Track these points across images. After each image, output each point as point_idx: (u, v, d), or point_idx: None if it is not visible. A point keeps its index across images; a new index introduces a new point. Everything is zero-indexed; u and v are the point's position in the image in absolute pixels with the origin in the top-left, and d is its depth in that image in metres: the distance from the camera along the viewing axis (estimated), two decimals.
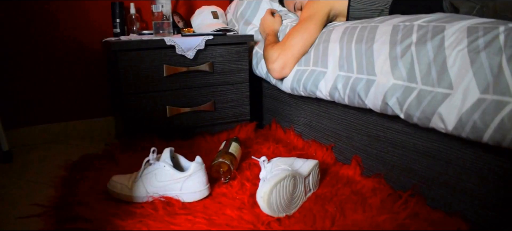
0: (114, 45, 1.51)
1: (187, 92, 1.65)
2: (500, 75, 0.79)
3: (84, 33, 1.91)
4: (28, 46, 1.83)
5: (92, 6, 1.91)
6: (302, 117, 1.61)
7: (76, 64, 1.93)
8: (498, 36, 0.84)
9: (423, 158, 1.07)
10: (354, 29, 1.25)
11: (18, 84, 1.85)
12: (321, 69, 1.33)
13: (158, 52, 1.57)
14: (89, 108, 1.99)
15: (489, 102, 0.80)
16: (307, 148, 1.55)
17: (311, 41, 1.43)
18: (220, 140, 1.69)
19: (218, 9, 1.92)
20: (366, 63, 1.13)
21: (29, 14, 1.81)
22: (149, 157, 1.22)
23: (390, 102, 1.04)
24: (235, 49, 1.69)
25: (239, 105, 1.75)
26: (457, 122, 0.86)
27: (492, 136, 0.79)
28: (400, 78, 1.02)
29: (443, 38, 0.94)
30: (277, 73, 1.49)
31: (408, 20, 1.09)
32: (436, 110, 0.91)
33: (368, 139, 1.26)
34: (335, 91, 1.25)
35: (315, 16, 1.45)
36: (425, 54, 0.97)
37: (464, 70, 0.86)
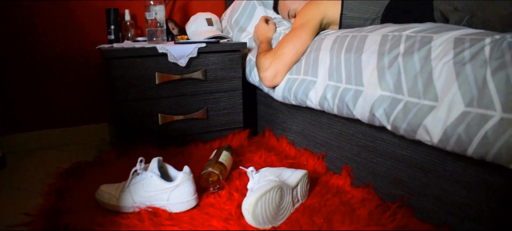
0: (107, 53, 1.51)
1: (179, 100, 1.64)
2: (484, 88, 0.78)
3: (79, 39, 1.92)
4: (22, 52, 1.84)
5: (86, 13, 1.91)
6: (294, 125, 1.60)
7: (71, 71, 1.93)
8: (484, 48, 0.82)
9: (411, 170, 1.05)
10: (345, 38, 1.24)
11: (13, 90, 1.85)
12: (311, 78, 1.32)
13: (151, 60, 1.57)
14: (84, 115, 1.99)
15: (474, 116, 0.79)
16: (299, 157, 1.54)
17: (303, 49, 1.43)
18: (213, 147, 1.68)
19: (213, 16, 1.92)
20: (354, 73, 1.12)
21: (23, 21, 1.82)
22: (137, 167, 1.21)
23: (377, 113, 1.02)
24: (228, 56, 1.68)
25: (232, 113, 1.74)
26: (442, 135, 0.85)
27: (476, 150, 0.78)
28: (387, 89, 1.01)
29: (430, 49, 0.93)
30: (269, 81, 1.48)
31: (397, 30, 1.08)
32: (422, 122, 0.90)
33: (358, 149, 1.25)
34: (325, 101, 1.24)
35: (307, 24, 1.44)
36: (412, 65, 0.95)
37: (449, 82, 0.85)
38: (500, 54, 0.79)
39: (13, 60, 1.83)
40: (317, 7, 1.48)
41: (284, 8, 1.72)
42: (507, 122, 0.73)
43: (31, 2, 1.82)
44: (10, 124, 1.87)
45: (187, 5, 2.12)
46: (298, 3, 1.67)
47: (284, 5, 1.72)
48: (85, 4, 1.91)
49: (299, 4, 1.66)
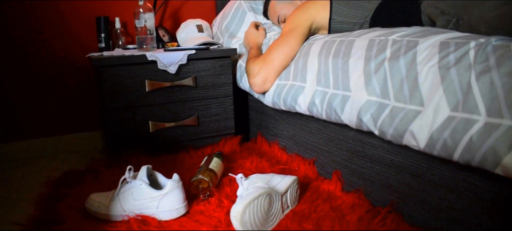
0: (96, 61, 1.51)
1: (170, 107, 1.64)
2: (469, 92, 0.78)
3: (70, 47, 1.91)
4: (13, 62, 1.83)
5: (77, 21, 1.91)
6: (285, 130, 1.60)
7: (63, 79, 1.93)
8: (468, 52, 0.82)
9: (401, 174, 1.05)
10: (333, 43, 1.24)
11: (4, 99, 1.84)
12: (300, 83, 1.32)
13: (140, 67, 1.56)
14: (77, 123, 1.98)
15: (459, 120, 0.78)
16: (290, 162, 1.53)
17: (292, 54, 1.42)
18: (205, 154, 1.67)
19: (203, 23, 1.92)
20: (342, 78, 1.12)
21: (13, 30, 1.81)
22: (125, 175, 1.21)
23: (364, 119, 1.02)
24: (218, 63, 1.68)
25: (223, 119, 1.74)
26: (428, 140, 0.85)
27: (462, 155, 0.78)
28: (373, 94, 1.00)
29: (416, 53, 0.93)
30: (259, 87, 1.48)
31: (384, 35, 1.08)
32: (408, 127, 0.89)
33: (348, 154, 1.25)
34: (313, 107, 1.24)
35: (296, 29, 1.44)
36: (397, 70, 0.95)
37: (434, 86, 0.85)
38: (485, 58, 0.79)
39: (3, 69, 1.82)
40: (306, 12, 1.48)
41: (273, 14, 1.72)
42: (492, 126, 0.72)
43: (21, 11, 1.82)
44: (2, 134, 1.86)
45: (178, 12, 2.12)
46: (287, 8, 1.67)
47: (273, 11, 1.72)
48: (76, 13, 1.91)
49: (289, 9, 1.66)
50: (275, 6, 1.71)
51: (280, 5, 1.70)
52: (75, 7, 1.90)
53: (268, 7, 1.76)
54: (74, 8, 1.90)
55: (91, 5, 1.93)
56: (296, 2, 1.68)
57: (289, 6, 1.68)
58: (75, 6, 1.90)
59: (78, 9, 1.91)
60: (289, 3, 1.68)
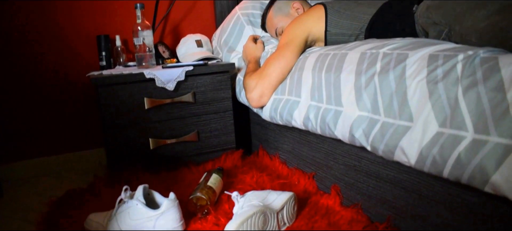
0: (95, 81, 1.52)
1: (170, 124, 1.64)
2: (456, 107, 0.76)
3: (72, 66, 1.94)
4: (16, 81, 1.86)
5: (78, 40, 1.94)
6: (285, 144, 1.59)
7: (66, 97, 1.95)
8: (456, 65, 0.81)
9: (396, 189, 1.03)
10: (326, 56, 1.23)
11: (9, 118, 1.87)
12: (295, 98, 1.31)
13: (139, 85, 1.58)
14: (81, 140, 2.00)
15: (447, 137, 0.77)
16: (291, 176, 1.52)
17: (289, 68, 1.42)
18: (206, 169, 1.67)
19: (203, 37, 1.93)
20: (334, 93, 1.11)
21: (16, 49, 1.84)
22: (122, 196, 1.21)
23: (356, 134, 1.01)
24: (217, 78, 1.68)
25: (223, 133, 1.74)
26: (418, 156, 0.83)
27: (451, 172, 0.76)
28: (365, 109, 0.99)
29: (405, 67, 0.92)
30: (255, 102, 1.48)
31: (375, 47, 1.07)
32: (398, 143, 0.88)
33: (345, 168, 1.23)
34: (308, 121, 1.23)
35: (292, 42, 1.44)
36: (387, 84, 0.94)
37: (423, 101, 0.84)
38: (472, 71, 0.77)
39: (6, 89, 1.85)
40: (301, 25, 1.47)
41: (271, 27, 1.72)
42: (479, 143, 0.71)
43: (23, 32, 1.85)
44: (7, 153, 1.89)
45: (177, 27, 2.14)
46: (285, 21, 1.67)
47: (271, 23, 1.72)
48: (77, 32, 1.94)
49: (286, 22, 1.66)
50: (273, 19, 1.71)
51: (277, 18, 1.70)
52: (77, 26, 1.93)
53: (265, 20, 1.76)
54: (76, 28, 1.93)
55: (92, 24, 1.96)
56: (293, 15, 1.67)
57: (286, 18, 1.67)
58: (76, 26, 1.93)
59: (79, 28, 1.94)
60: (286, 16, 1.68)
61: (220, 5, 2.11)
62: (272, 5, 1.73)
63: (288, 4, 1.69)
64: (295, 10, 1.68)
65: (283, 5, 1.70)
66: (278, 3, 1.72)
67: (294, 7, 1.68)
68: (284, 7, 1.70)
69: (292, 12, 1.68)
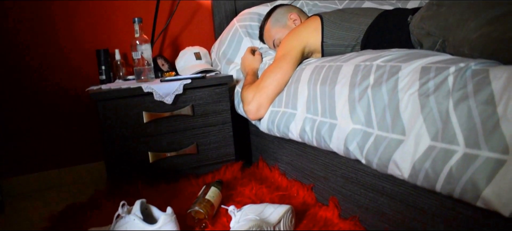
0: (93, 96, 1.53)
1: (169, 137, 1.65)
2: (447, 121, 0.76)
3: (72, 80, 1.96)
4: (19, 96, 1.88)
5: (78, 54, 1.96)
6: (284, 155, 1.58)
7: (67, 111, 1.96)
8: (447, 78, 0.80)
9: (392, 202, 1.02)
10: (322, 68, 1.23)
11: (10, 133, 1.89)
12: (291, 110, 1.31)
13: (138, 99, 1.58)
14: (82, 154, 2.01)
15: (439, 150, 0.76)
16: (290, 188, 1.51)
17: (286, 80, 1.42)
18: (205, 181, 1.67)
19: (201, 50, 1.94)
20: (328, 106, 1.11)
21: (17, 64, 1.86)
22: (119, 211, 1.21)
23: (350, 148, 1.00)
24: (215, 90, 1.69)
25: (223, 146, 1.74)
26: (411, 170, 0.82)
27: (443, 186, 0.75)
28: (358, 122, 0.99)
29: (397, 80, 0.91)
30: (253, 114, 1.48)
31: (369, 59, 1.07)
32: (391, 157, 0.87)
33: (342, 180, 1.23)
34: (304, 134, 1.23)
35: (288, 54, 1.44)
36: (380, 97, 0.94)
37: (415, 115, 0.83)
38: (463, 84, 0.76)
39: (9, 103, 1.87)
40: (298, 37, 1.47)
41: (269, 38, 1.73)
42: (470, 157, 0.70)
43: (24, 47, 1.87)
44: (9, 167, 1.90)
45: (177, 40, 2.15)
46: (282, 32, 1.67)
47: (269, 35, 1.72)
48: (77, 47, 1.96)
49: (284, 33, 1.66)
50: (270, 30, 1.72)
51: (274, 29, 1.70)
52: (77, 41, 1.95)
53: (263, 32, 1.76)
54: (76, 42, 1.95)
55: (92, 38, 1.98)
56: (291, 26, 1.68)
57: (283, 30, 1.68)
58: (77, 41, 1.95)
59: (79, 43, 1.96)
60: (283, 27, 1.69)
61: (219, 17, 2.12)
62: (269, 16, 1.74)
63: (285, 16, 1.70)
64: (292, 21, 1.69)
65: (280, 17, 1.71)
66: (275, 15, 1.73)
67: (291, 18, 1.69)
68: (281, 18, 1.70)
69: (289, 23, 1.69)
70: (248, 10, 1.96)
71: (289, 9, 1.74)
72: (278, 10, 1.74)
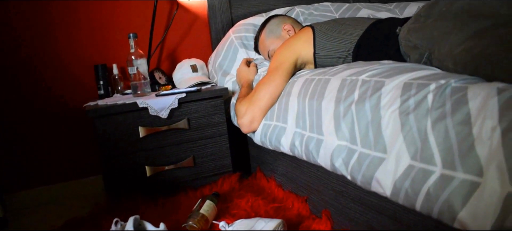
0: (89, 112, 1.55)
1: (165, 150, 1.66)
2: (426, 141, 0.76)
3: (72, 96, 1.98)
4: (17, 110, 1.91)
5: (77, 70, 1.98)
6: (280, 167, 1.59)
7: (68, 125, 1.99)
8: (427, 96, 0.80)
9: (381, 217, 1.02)
10: (311, 82, 1.23)
11: (11, 148, 1.92)
12: (282, 124, 1.31)
13: (134, 114, 1.60)
14: (83, 167, 2.04)
15: (417, 170, 0.76)
16: (285, 200, 1.52)
17: (278, 92, 1.42)
18: (203, 193, 1.68)
19: (198, 62, 1.95)
20: (316, 121, 1.11)
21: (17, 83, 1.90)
22: (112, 228, 1.22)
23: (336, 164, 1.00)
24: (210, 103, 1.70)
25: (219, 158, 1.74)
26: (392, 188, 0.82)
27: (422, 206, 0.75)
28: (343, 138, 0.99)
29: (380, 96, 0.91)
30: (246, 128, 1.48)
31: (356, 73, 1.07)
32: (374, 174, 0.87)
33: (334, 194, 1.23)
34: (295, 148, 1.23)
35: (281, 66, 1.44)
36: (363, 114, 0.94)
37: (396, 133, 0.83)
38: (442, 103, 0.76)
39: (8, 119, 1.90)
40: (290, 49, 1.48)
41: (264, 49, 1.73)
42: (447, 179, 0.70)
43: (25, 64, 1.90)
44: (12, 182, 1.93)
45: (174, 52, 2.16)
46: (276, 43, 1.68)
47: (263, 46, 1.73)
48: (76, 62, 1.98)
49: (278, 44, 1.67)
50: (265, 41, 1.72)
51: (269, 40, 1.71)
52: (75, 57, 1.98)
53: (258, 43, 1.77)
54: (74, 58, 1.98)
55: (89, 54, 2.00)
56: (285, 36, 1.68)
57: (278, 40, 1.69)
58: (75, 56, 1.98)
59: (78, 59, 1.99)
60: (277, 38, 1.69)
61: (216, 29, 2.13)
62: (263, 28, 1.75)
63: (279, 26, 1.71)
64: (286, 32, 1.69)
65: (275, 27, 1.72)
66: (269, 26, 1.73)
67: (285, 29, 1.69)
68: (275, 29, 1.71)
69: (283, 34, 1.70)
70: (243, 21, 1.97)
71: (283, 20, 1.74)
72: (272, 21, 1.75)
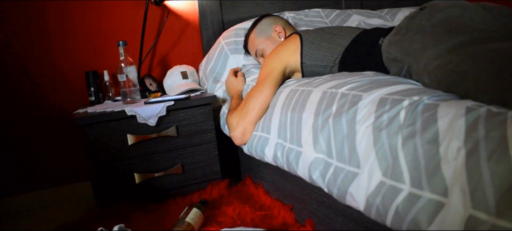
0: (79, 120, 1.56)
1: (154, 157, 1.67)
2: (396, 158, 0.76)
3: (64, 102, 1.99)
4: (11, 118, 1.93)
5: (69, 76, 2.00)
6: (267, 175, 1.60)
7: (60, 132, 2.00)
8: (400, 112, 0.81)
9: (359, 227, 1.03)
10: (295, 93, 1.24)
11: (4, 154, 1.93)
12: (266, 135, 1.32)
13: (123, 122, 1.61)
14: (75, 173, 2.05)
15: (388, 187, 0.77)
16: (272, 208, 1.52)
17: (268, 103, 1.42)
18: (192, 200, 1.69)
19: (188, 68, 1.95)
20: (296, 133, 1.12)
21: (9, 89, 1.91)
22: None
23: (314, 176, 1.01)
24: (199, 110, 1.70)
25: (208, 164, 1.75)
26: (365, 203, 0.83)
27: (392, 224, 0.76)
28: (321, 151, 0.99)
29: (356, 111, 0.92)
30: (239, 140, 1.48)
31: (336, 86, 1.07)
32: (348, 189, 0.88)
33: (316, 204, 1.23)
34: (277, 159, 1.24)
35: (269, 76, 1.44)
36: (340, 128, 0.94)
37: (369, 149, 0.84)
38: (413, 120, 0.77)
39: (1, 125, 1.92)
40: (278, 58, 1.48)
41: (252, 47, 1.73)
42: (414, 197, 0.70)
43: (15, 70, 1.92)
44: (1, 189, 1.94)
45: (166, 58, 2.17)
46: (266, 44, 1.67)
47: (253, 44, 1.72)
48: (67, 69, 1.99)
49: (267, 45, 1.67)
50: (254, 40, 1.72)
51: (258, 40, 1.70)
52: (66, 63, 1.99)
53: (248, 41, 1.76)
54: (65, 65, 1.99)
55: (81, 60, 2.01)
56: (275, 38, 1.68)
57: (267, 41, 1.68)
58: (66, 63, 1.99)
59: (69, 65, 1.99)
60: (267, 39, 1.68)
61: (207, 35, 2.13)
62: (254, 26, 1.74)
63: (270, 27, 1.70)
64: (276, 33, 1.69)
65: (266, 28, 1.71)
66: (260, 26, 1.73)
67: (276, 31, 1.68)
68: (266, 29, 1.71)
69: (273, 35, 1.69)
70: (234, 26, 1.97)
71: (275, 21, 1.74)
72: (263, 21, 1.74)
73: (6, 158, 1.94)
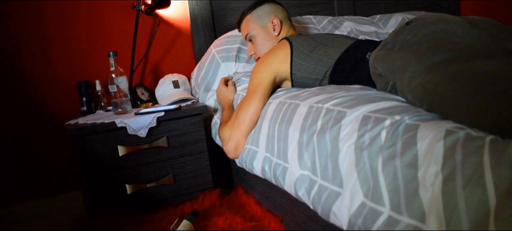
0: (70, 132, 1.56)
1: (145, 168, 1.67)
2: (377, 180, 0.76)
3: (56, 112, 1.99)
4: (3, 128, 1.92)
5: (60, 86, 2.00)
6: (258, 185, 1.60)
7: (53, 142, 2.00)
8: (381, 132, 0.81)
9: None
10: (283, 106, 1.24)
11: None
12: (254, 148, 1.32)
13: (113, 133, 1.61)
14: (67, 182, 2.05)
15: (369, 209, 0.77)
16: (263, 219, 1.52)
17: (258, 115, 1.40)
18: (184, 211, 1.69)
19: (180, 77, 1.95)
20: (282, 148, 1.12)
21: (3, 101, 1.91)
22: None
23: (299, 193, 1.01)
24: (190, 121, 1.70)
25: (200, 175, 1.75)
26: (348, 223, 0.83)
27: None
28: (306, 168, 0.99)
29: (340, 128, 0.92)
30: (232, 154, 1.47)
31: (322, 101, 1.07)
32: (331, 208, 0.88)
33: (305, 217, 1.23)
34: (265, 172, 1.24)
35: (259, 87, 1.43)
36: (324, 145, 0.94)
37: (351, 168, 0.84)
38: (393, 141, 0.77)
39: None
40: (267, 68, 1.46)
41: (245, 28, 1.69)
42: (394, 221, 0.70)
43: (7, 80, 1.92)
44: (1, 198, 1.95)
45: (158, 67, 2.17)
46: (258, 31, 1.64)
47: (246, 26, 1.69)
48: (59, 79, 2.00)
49: (259, 33, 1.64)
50: (249, 22, 1.68)
51: (253, 25, 1.66)
52: (58, 74, 1.99)
53: (243, 19, 1.72)
54: (57, 75, 1.99)
55: (73, 70, 2.02)
56: (270, 30, 1.64)
57: (260, 30, 1.65)
58: (58, 73, 1.99)
59: (61, 75, 2.00)
60: (262, 28, 1.65)
61: (199, 43, 2.13)
62: (255, 8, 1.69)
63: (269, 17, 1.66)
64: (272, 25, 1.64)
65: (264, 15, 1.67)
66: (260, 11, 1.67)
67: (273, 23, 1.64)
68: (264, 17, 1.66)
69: (269, 26, 1.65)
70: (225, 34, 1.97)
71: (275, 12, 1.68)
72: (264, 7, 1.68)
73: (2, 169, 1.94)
